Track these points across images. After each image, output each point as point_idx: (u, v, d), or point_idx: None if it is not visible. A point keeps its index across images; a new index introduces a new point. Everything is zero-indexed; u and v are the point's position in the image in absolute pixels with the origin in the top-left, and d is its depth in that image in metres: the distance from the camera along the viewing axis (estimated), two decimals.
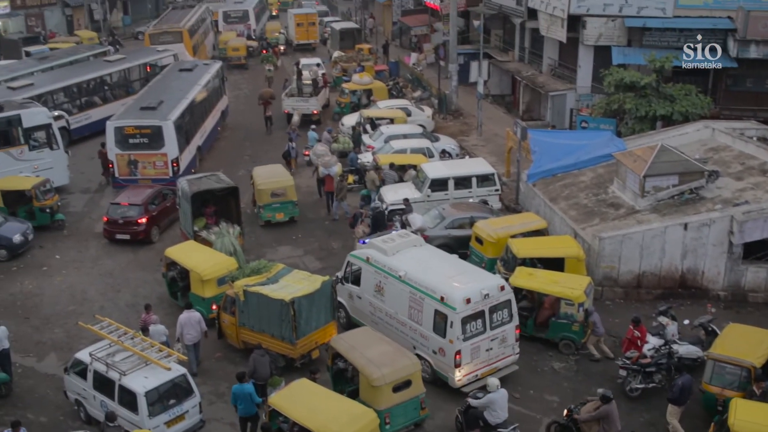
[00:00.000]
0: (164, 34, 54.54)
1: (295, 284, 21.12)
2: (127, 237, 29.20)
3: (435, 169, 30.96)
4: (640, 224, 24.70)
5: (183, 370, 18.19)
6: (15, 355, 21.63)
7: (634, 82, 32.98)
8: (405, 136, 36.09)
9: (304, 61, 51.08)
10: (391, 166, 32.46)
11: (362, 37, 61.96)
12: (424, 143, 35.24)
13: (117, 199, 30.02)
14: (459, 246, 26.44)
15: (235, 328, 21.58)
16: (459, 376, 19.69)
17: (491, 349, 20.07)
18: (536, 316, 22.35)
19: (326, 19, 71.30)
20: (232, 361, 21.75)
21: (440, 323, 19.80)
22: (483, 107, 40.93)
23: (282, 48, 62.49)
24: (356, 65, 49.76)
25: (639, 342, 20.17)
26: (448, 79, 45.09)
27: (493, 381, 18.22)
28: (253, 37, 66.48)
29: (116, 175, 33.62)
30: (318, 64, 49.73)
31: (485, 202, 29.52)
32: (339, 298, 23.24)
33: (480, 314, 19.73)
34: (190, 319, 21.11)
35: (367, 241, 23.70)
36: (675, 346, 20.13)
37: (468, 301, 19.48)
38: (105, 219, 29.63)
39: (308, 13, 67.48)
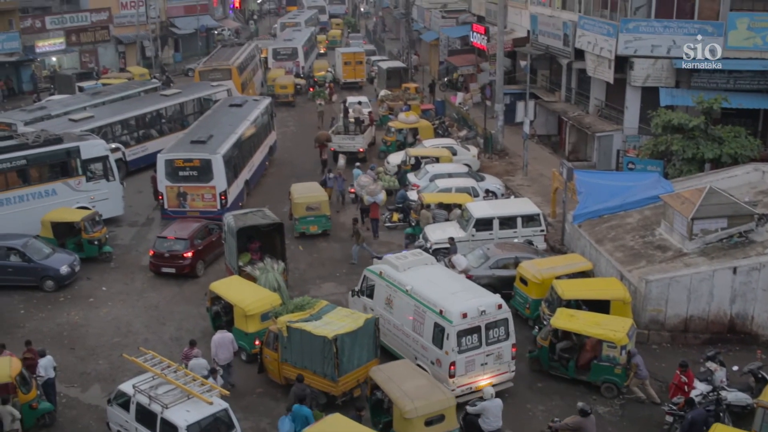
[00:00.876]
0: (214, 71, 55.46)
1: (339, 321, 21.12)
2: (172, 270, 29.49)
3: (480, 208, 30.88)
4: (688, 267, 24.34)
5: (225, 404, 18.19)
6: (60, 385, 21.88)
7: (682, 123, 32.69)
8: (450, 175, 36.09)
9: (350, 99, 51.49)
10: (437, 205, 32.47)
11: (409, 76, 62.37)
12: (470, 182, 35.21)
13: (164, 233, 30.42)
14: (503, 286, 26.26)
15: (278, 364, 21.59)
16: (453, 387, 20.41)
17: (486, 363, 21.01)
18: (577, 359, 22.06)
19: (373, 58, 71.89)
20: (273, 397, 21.74)
21: (438, 335, 20.92)
22: (529, 147, 40.85)
23: (331, 85, 63.04)
24: (402, 104, 50.03)
25: (686, 388, 19.79)
26: (494, 119, 45.10)
27: (488, 390, 19.41)
28: (302, 75, 67.29)
29: (165, 206, 34.14)
30: (361, 102, 50.07)
31: (530, 243, 29.38)
32: (353, 310, 24.06)
33: (476, 329, 20.76)
34: (223, 340, 21.88)
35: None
36: (723, 393, 19.69)
37: (464, 315, 20.56)
38: (151, 252, 29.99)
39: (356, 52, 68.14)
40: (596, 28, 39.66)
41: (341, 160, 37.00)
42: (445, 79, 46.91)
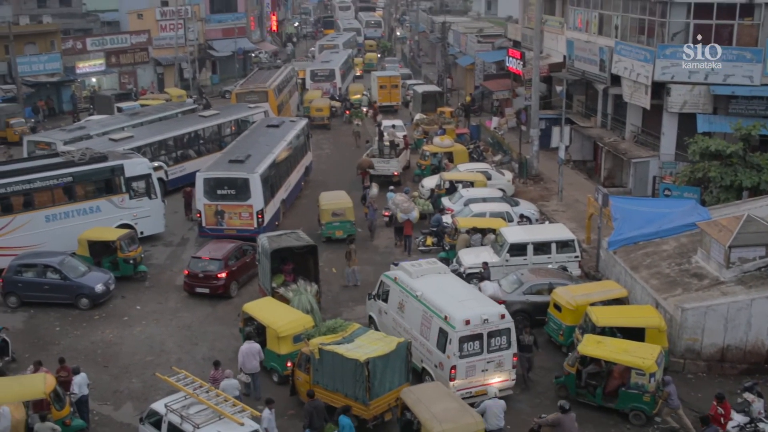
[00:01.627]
0: (250, 93, 55.98)
1: (371, 345, 21.09)
2: (206, 291, 29.67)
3: (514, 233, 30.77)
4: (725, 296, 24.01)
5: (256, 425, 18.18)
6: (93, 403, 22.08)
7: (719, 150, 32.41)
8: (484, 200, 36.01)
9: (385, 122, 51.64)
10: (471, 230, 32.40)
11: (444, 101, 62.48)
12: (504, 207, 35.10)
13: (198, 253, 30.67)
14: (537, 312, 26.14)
15: (309, 386, 21.56)
16: (453, 390, 21.15)
17: (486, 370, 21.98)
18: (605, 386, 21.82)
19: (409, 82, 72.10)
20: None
21: (442, 340, 21.98)
22: (564, 173, 40.65)
23: (367, 110, 63.25)
24: (437, 128, 50.07)
25: (723, 419, 19.48)
26: (530, 144, 44.99)
27: (491, 389, 21.05)
28: (337, 97, 67.89)
29: (203, 224, 34.55)
30: (395, 126, 50.16)
31: (564, 269, 29.21)
32: (370, 312, 26.53)
33: (478, 336, 21.72)
34: (251, 350, 22.56)
35: None
36: (761, 425, 19.38)
37: (467, 322, 21.55)
38: (186, 272, 30.20)
39: (391, 76, 68.42)
40: (633, 54, 39.51)
41: (374, 189, 37.01)
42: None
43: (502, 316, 22.13)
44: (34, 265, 29.44)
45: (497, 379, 22.14)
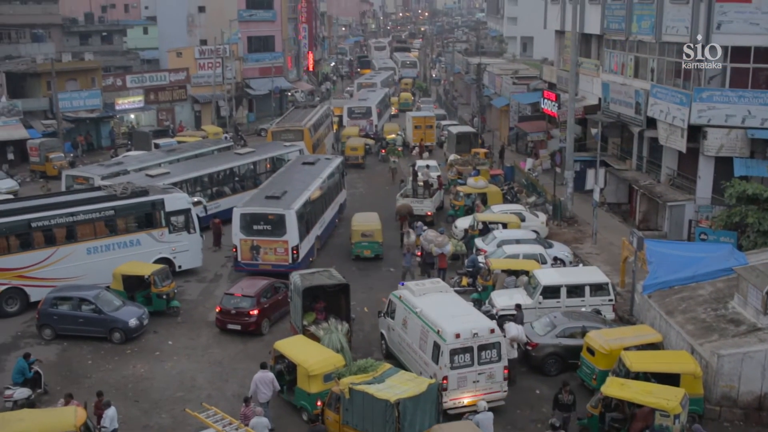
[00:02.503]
0: (286, 131, 56.52)
1: (401, 385, 20.98)
2: (238, 327, 29.67)
3: (547, 275, 30.57)
4: (763, 343, 23.60)
5: None
6: None
7: (757, 194, 32.07)
8: (518, 241, 35.85)
9: (420, 162, 51.77)
10: (505, 271, 32.25)
11: (478, 141, 62.56)
12: (537, 249, 34.89)
13: (231, 290, 30.76)
14: (569, 356, 25.89)
15: (339, 426, 21.43)
16: (445, 400, 22.47)
17: (478, 381, 23.24)
18: (629, 428, 21.49)
19: (443, 122, 72.33)
20: None
21: (435, 352, 23.34)
22: (598, 215, 40.44)
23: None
24: (472, 169, 50.12)
25: None
26: (564, 186, 44.83)
27: (482, 403, 21.71)
28: (373, 135, 68.66)
29: (239, 259, 34.92)
30: (429, 166, 50.27)
31: (598, 312, 28.90)
32: (381, 330, 28.02)
33: (468, 349, 23.09)
34: (264, 379, 22.63)
35: None
36: None
37: (458, 336, 22.98)
38: (218, 308, 30.27)
39: (426, 116, 68.66)
40: (669, 97, 39.41)
41: (412, 235, 36.68)
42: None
43: (492, 331, 23.54)
44: (69, 298, 29.73)
45: (488, 391, 23.32)
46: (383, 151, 63.40)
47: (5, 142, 58.78)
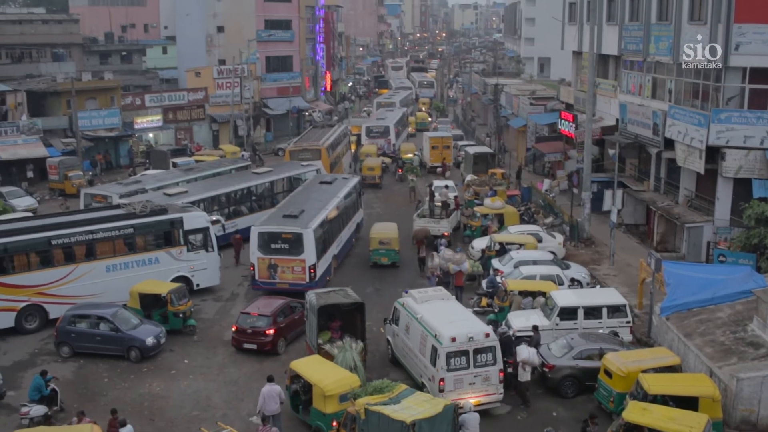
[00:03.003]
0: (304, 151, 56.68)
1: (417, 406, 20.87)
2: (254, 347, 29.65)
3: (564, 297, 30.44)
4: None
5: None
6: None
7: None
8: (535, 262, 35.74)
9: (436, 183, 51.78)
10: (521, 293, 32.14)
11: (495, 162, 62.56)
12: (554, 270, 34.77)
13: (247, 309, 30.81)
14: (587, 378, 25.72)
15: None
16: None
17: (474, 383, 24.40)
18: None
19: (460, 143, 72.35)
20: None
21: (433, 355, 24.57)
22: (616, 236, 40.26)
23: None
24: (488, 189, 50.06)
25: None
26: (581, 207, 44.69)
27: (467, 403, 22.83)
28: (390, 154, 69.28)
29: (256, 277, 35.04)
30: (447, 186, 50.26)
31: (615, 334, 28.71)
32: (387, 336, 29.20)
33: (464, 353, 24.31)
34: (271, 392, 23.07)
35: None
36: None
37: (453, 339, 24.24)
38: (234, 328, 30.28)
39: (443, 137, 68.73)
40: (687, 118, 39.32)
41: (436, 259, 36.35)
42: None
43: (487, 335, 24.79)
44: (87, 316, 29.85)
45: (484, 393, 24.55)
46: (400, 170, 63.82)
47: (25, 160, 59.30)
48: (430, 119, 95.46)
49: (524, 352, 25.95)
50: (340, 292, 29.35)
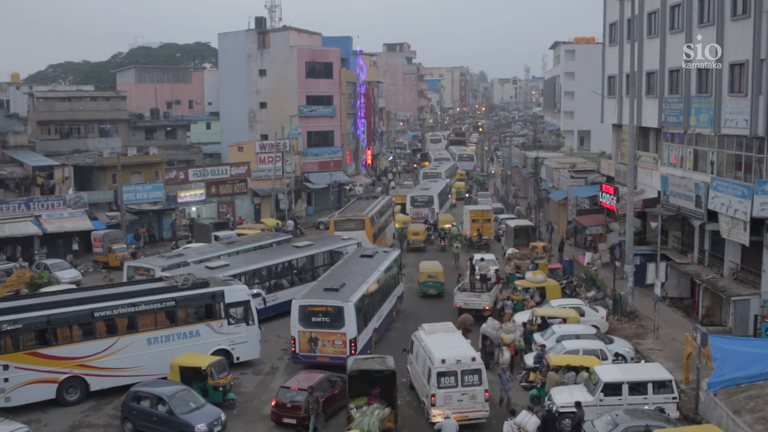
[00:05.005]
0: (348, 221, 58.08)
1: None
2: (293, 421, 29.32)
3: (608, 372, 29.92)
4: None
5: None
6: None
7: None
8: (578, 337, 35.27)
9: (477, 256, 51.62)
10: (565, 368, 31.68)
11: (536, 235, 62.34)
12: (598, 345, 34.27)
13: (287, 383, 30.66)
14: None
15: None
16: (434, 413, 28.18)
17: (462, 401, 28.32)
18: None
19: (501, 216, 72.39)
20: None
21: (428, 375, 28.85)
22: (660, 310, 39.67)
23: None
24: (530, 262, 49.78)
25: None
26: (624, 280, 44.21)
27: (447, 412, 27.15)
28: (432, 223, 70.40)
29: (297, 351, 34.98)
30: (482, 259, 50.04)
31: (662, 410, 28.10)
32: (407, 365, 33.27)
33: (453, 373, 28.47)
34: None
35: None
36: None
37: (443, 361, 28.53)
38: (274, 402, 30.09)
39: (483, 210, 68.83)
40: (730, 190, 38.98)
41: (506, 353, 34.55)
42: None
43: (473, 359, 28.93)
44: (148, 395, 29.45)
45: (471, 410, 28.33)
46: (442, 241, 65.06)
47: (71, 232, 60.26)
48: (466, 186, 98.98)
49: (532, 424, 26.15)
50: (378, 359, 29.85)
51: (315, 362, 34.34)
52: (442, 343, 30.05)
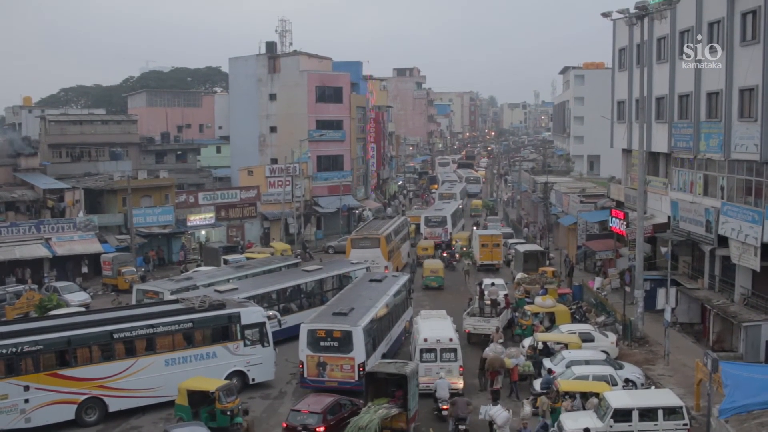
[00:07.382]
0: (364, 239, 59.54)
1: None
2: None
3: (618, 398, 29.68)
4: None
5: None
6: None
7: None
8: (587, 362, 35.10)
9: (486, 281, 51.50)
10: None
11: (546, 260, 62.19)
12: (608, 370, 34.07)
13: (297, 406, 30.52)
14: None
15: None
16: (419, 383, 31.69)
17: (439, 373, 33.54)
18: None
19: (510, 241, 72.30)
20: None
21: (414, 351, 34.98)
22: (670, 336, 39.46)
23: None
24: (539, 288, 49.65)
25: None
26: (634, 305, 44.02)
27: (441, 373, 33.10)
28: (446, 242, 72.44)
29: (305, 375, 34.94)
30: (493, 284, 49.94)
31: None
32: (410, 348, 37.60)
33: (433, 350, 34.34)
34: None
35: None
36: None
37: (426, 340, 34.47)
38: (284, 425, 29.92)
39: (493, 235, 68.78)
40: (740, 215, 38.88)
41: (527, 407, 31.73)
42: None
43: (451, 340, 34.58)
44: None
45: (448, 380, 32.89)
46: (453, 261, 66.60)
47: (81, 255, 60.48)
48: (481, 210, 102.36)
49: (503, 416, 28.25)
50: (398, 363, 30.96)
51: (323, 387, 34.23)
52: (430, 327, 35.83)
